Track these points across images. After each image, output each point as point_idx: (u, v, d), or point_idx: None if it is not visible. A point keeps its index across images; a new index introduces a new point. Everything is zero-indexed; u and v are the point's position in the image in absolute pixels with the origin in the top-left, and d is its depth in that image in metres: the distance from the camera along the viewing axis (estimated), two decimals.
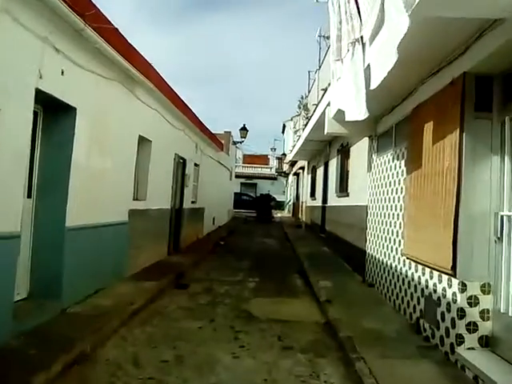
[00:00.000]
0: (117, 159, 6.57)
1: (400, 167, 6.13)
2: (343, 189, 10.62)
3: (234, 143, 22.03)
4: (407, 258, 5.55)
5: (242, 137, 21.07)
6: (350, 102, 5.77)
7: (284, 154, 35.25)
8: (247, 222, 25.27)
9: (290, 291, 7.24)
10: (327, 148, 13.01)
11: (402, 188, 5.98)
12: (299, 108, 14.91)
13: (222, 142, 20.78)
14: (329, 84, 8.13)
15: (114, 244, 6.65)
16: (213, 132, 14.92)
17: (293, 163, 27.64)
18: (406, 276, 5.56)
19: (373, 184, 7.65)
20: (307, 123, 11.88)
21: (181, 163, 10.75)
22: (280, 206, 37.25)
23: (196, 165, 12.79)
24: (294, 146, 18.52)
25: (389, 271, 6.38)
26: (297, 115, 22.64)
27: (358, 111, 5.47)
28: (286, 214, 34.41)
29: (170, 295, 6.61)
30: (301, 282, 8.07)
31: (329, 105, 7.89)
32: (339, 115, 7.32)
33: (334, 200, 11.61)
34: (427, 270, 4.84)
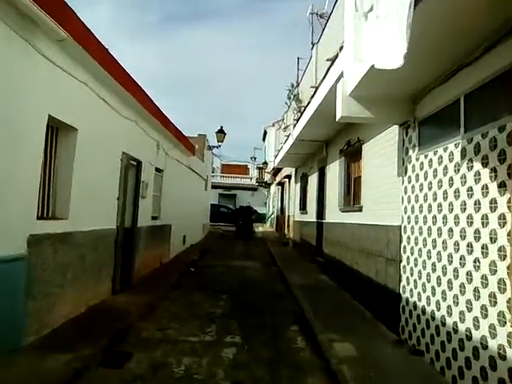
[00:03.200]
0: None
1: (485, 164, 3.54)
2: (351, 201, 8.03)
3: (210, 148, 19.29)
4: None
5: (218, 140, 18.35)
6: (387, 36, 3.22)
7: (265, 163, 32.65)
8: (224, 237, 22.45)
9: (292, 366, 4.50)
10: (323, 150, 10.44)
11: (493, 201, 3.38)
12: (289, 99, 12.32)
13: (196, 146, 18.11)
14: (340, 48, 5.56)
15: None
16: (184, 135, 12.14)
17: (276, 172, 25.09)
18: None
19: (412, 195, 5.06)
20: (300, 117, 9.31)
21: (133, 166, 7.97)
22: (262, 219, 34.52)
23: (158, 170, 10.01)
24: (279, 151, 15.93)
25: (462, 344, 3.74)
26: (280, 118, 20.22)
27: (400, 47, 2.95)
28: (267, 228, 31.70)
29: None
30: (304, 342, 5.35)
31: (342, 76, 5.32)
32: (363, 89, 4.76)
33: (335, 215, 9.00)
34: None
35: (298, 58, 12.74)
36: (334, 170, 9.33)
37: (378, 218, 6.26)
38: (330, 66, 6.16)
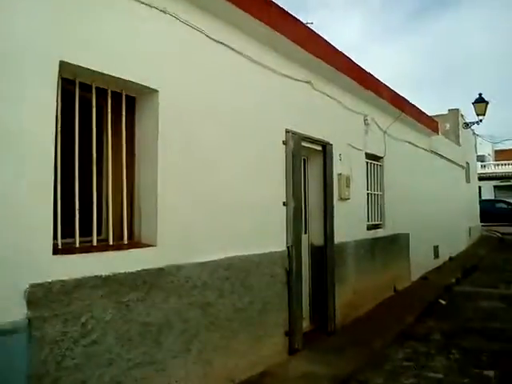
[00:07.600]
0: None
1: None
2: None
3: (467, 125, 14.43)
4: None
5: (477, 114, 13.55)
6: None
7: None
8: (505, 244, 16.61)
9: None
10: None
11: None
12: None
13: (447, 125, 13.93)
14: None
15: None
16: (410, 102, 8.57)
17: None
18: None
19: None
20: None
21: (313, 153, 5.23)
22: None
23: (374, 157, 6.94)
24: None
25: None
26: None
27: None
28: None
29: None
30: None
31: None
32: None
33: None
34: None
35: None
36: None
37: None
38: None
